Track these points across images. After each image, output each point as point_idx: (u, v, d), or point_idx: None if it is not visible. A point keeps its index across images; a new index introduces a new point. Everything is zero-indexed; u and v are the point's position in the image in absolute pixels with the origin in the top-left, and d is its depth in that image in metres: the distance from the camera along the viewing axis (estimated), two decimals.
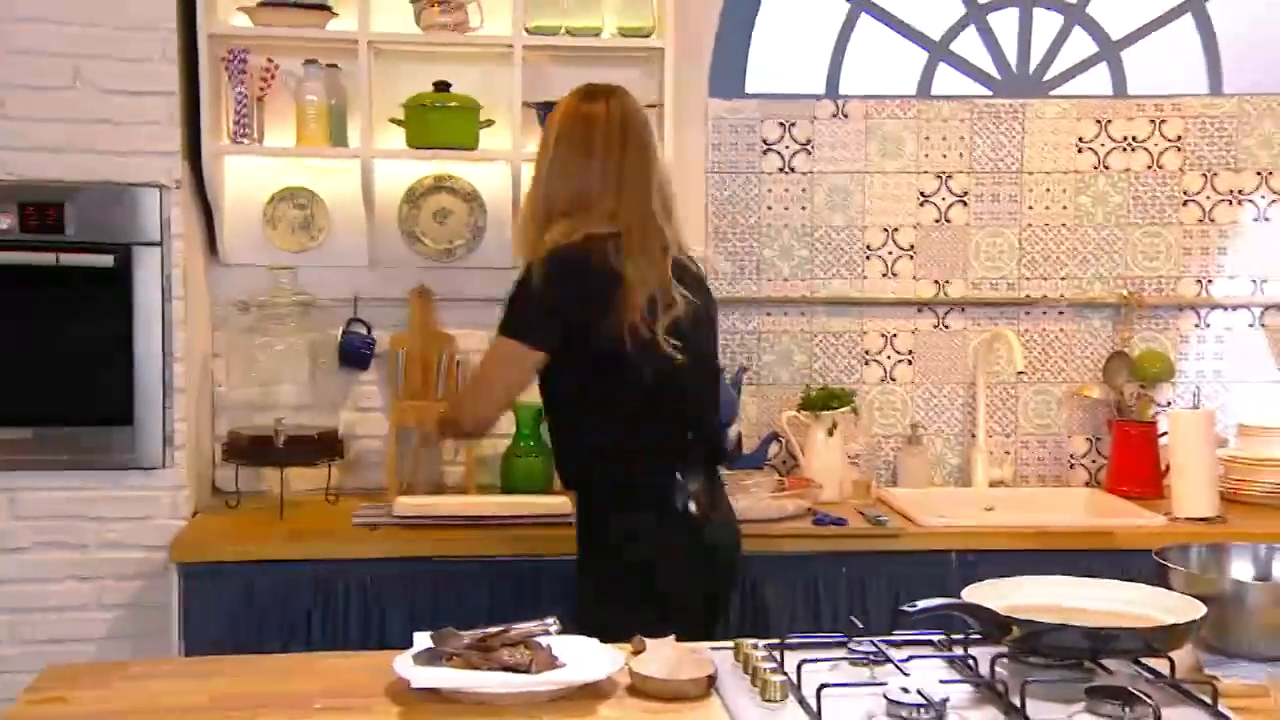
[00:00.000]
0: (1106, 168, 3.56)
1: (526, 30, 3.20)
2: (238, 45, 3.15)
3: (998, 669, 1.71)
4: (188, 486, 3.01)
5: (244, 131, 3.16)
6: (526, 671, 1.72)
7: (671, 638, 1.90)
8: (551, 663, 1.76)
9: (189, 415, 3.02)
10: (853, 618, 1.93)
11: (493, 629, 1.80)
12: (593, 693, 1.73)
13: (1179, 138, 3.56)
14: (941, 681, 1.63)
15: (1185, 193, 3.57)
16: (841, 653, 1.84)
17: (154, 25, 2.91)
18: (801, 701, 1.66)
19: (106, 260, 2.91)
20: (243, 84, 3.14)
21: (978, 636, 1.83)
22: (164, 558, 2.89)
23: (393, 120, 3.22)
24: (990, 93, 3.59)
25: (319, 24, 3.15)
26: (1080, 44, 3.61)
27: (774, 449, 3.44)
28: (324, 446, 3.13)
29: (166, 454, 2.97)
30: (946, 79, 3.59)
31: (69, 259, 2.89)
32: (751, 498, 3.04)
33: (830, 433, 3.34)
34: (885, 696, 1.58)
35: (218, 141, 3.11)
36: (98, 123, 2.90)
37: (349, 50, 3.15)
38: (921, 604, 1.73)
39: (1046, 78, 3.60)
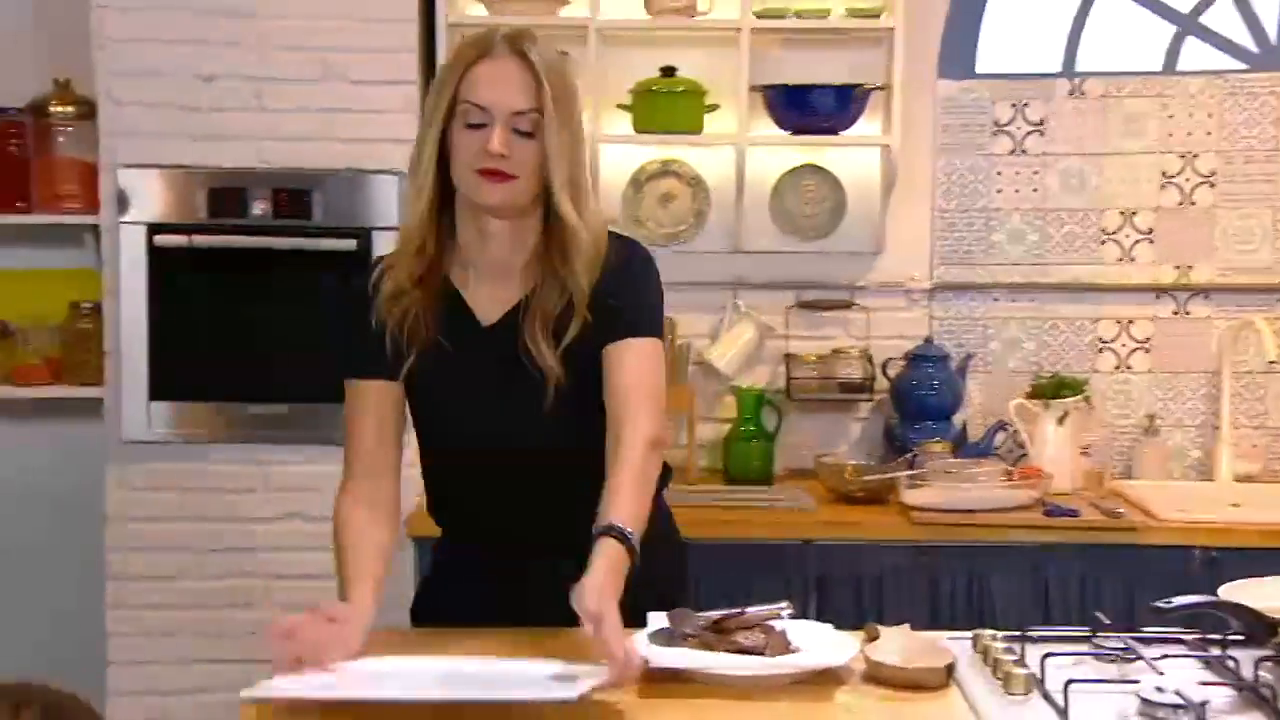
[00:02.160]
0: None
1: (754, 14, 3.19)
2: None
3: (1262, 673, 1.62)
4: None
5: None
6: (762, 655, 1.73)
7: (906, 626, 1.87)
8: (786, 647, 1.75)
9: None
10: (1098, 613, 1.86)
11: (728, 611, 1.81)
12: (829, 678, 1.71)
13: None
14: (1200, 683, 1.56)
15: None
16: (1086, 648, 1.78)
17: (397, 17, 3.02)
18: (1047, 696, 1.61)
19: (350, 244, 3.04)
20: None
21: (1237, 637, 1.74)
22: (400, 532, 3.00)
23: (620, 105, 3.26)
24: (1245, 67, 3.39)
25: (552, 11, 3.21)
26: None
27: (1001, 438, 3.35)
28: None
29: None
30: (1195, 53, 3.41)
31: (316, 243, 3.03)
32: (980, 487, 2.98)
33: (1061, 422, 3.23)
34: (1139, 696, 1.52)
35: None
36: (343, 112, 3.03)
37: (579, 36, 3.20)
38: (1178, 600, 1.66)
39: None
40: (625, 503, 1.73)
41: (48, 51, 3.26)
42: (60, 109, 3.16)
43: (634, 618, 1.74)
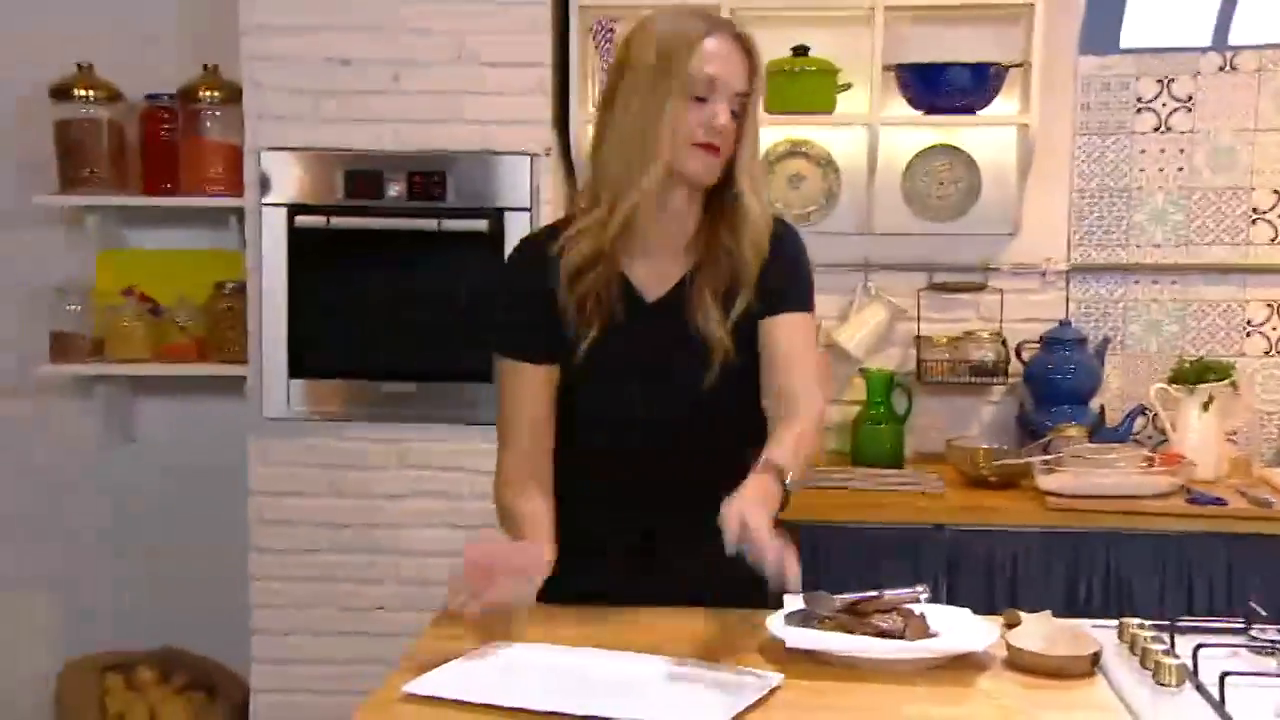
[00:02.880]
0: None
1: None
2: (604, 15, 3.24)
3: None
4: None
5: None
6: (900, 638, 1.71)
7: (1047, 612, 1.84)
8: (925, 631, 1.73)
9: None
10: (1253, 604, 1.80)
11: (865, 594, 1.79)
12: (969, 664, 1.69)
13: None
14: None
15: None
16: (1241, 639, 1.72)
17: (530, 0, 3.04)
18: (1200, 689, 1.56)
19: (481, 225, 3.07)
20: (609, 53, 3.24)
21: None
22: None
23: None
24: None
25: None
26: None
27: (1140, 423, 3.26)
28: None
29: None
30: None
31: (449, 224, 3.06)
32: (1118, 473, 2.91)
33: (1205, 408, 3.13)
34: None
35: (585, 110, 3.22)
36: (476, 94, 3.06)
37: None
38: None
39: None
40: (788, 451, 1.76)
41: (196, 38, 3.36)
42: (208, 94, 3.25)
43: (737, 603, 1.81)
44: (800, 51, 3.22)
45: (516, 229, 3.07)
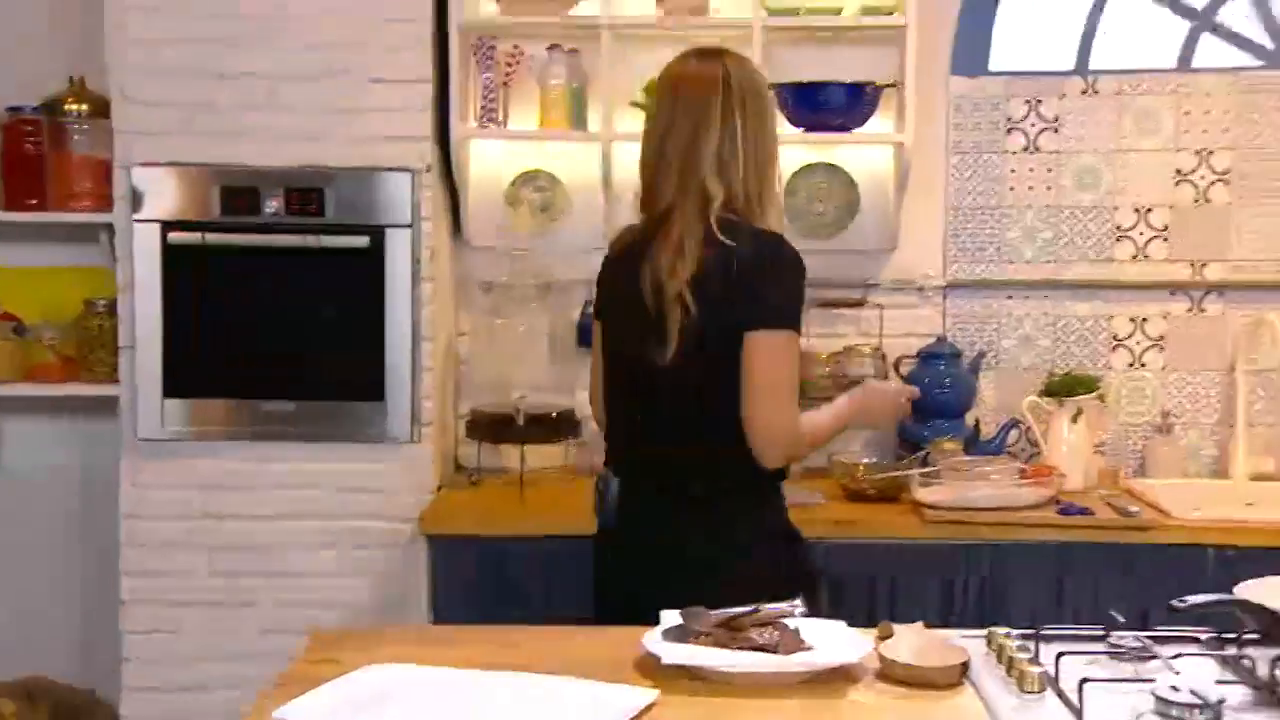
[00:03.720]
0: None
1: (767, 11, 3.18)
2: (486, 33, 3.23)
3: (1278, 672, 1.61)
4: (434, 462, 3.12)
5: (490, 116, 3.25)
6: (775, 652, 1.72)
7: (920, 624, 1.87)
8: (799, 645, 1.75)
9: (435, 393, 3.12)
10: (1113, 612, 1.85)
11: (741, 609, 1.81)
12: (841, 676, 1.72)
13: None
14: (1216, 682, 1.55)
15: None
16: (1101, 646, 1.77)
17: (410, 17, 3.02)
18: (1061, 695, 1.61)
19: (362, 241, 3.04)
20: (490, 70, 3.23)
21: (1252, 636, 1.74)
22: (410, 529, 3.01)
23: (633, 103, 3.25)
24: (1261, 64, 3.37)
25: (564, 10, 3.21)
26: None
27: (1013, 436, 3.34)
28: (562, 425, 3.20)
29: (414, 430, 3.08)
30: (1211, 51, 3.39)
31: (328, 240, 3.02)
32: (992, 485, 2.97)
33: (1074, 420, 3.22)
34: (1154, 694, 1.52)
35: (465, 126, 3.20)
36: (356, 110, 3.03)
37: (591, 35, 3.20)
38: (1194, 598, 1.65)
39: None
40: None
41: (63, 49, 3.27)
42: (74, 107, 3.16)
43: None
44: None
45: (398, 246, 3.05)
